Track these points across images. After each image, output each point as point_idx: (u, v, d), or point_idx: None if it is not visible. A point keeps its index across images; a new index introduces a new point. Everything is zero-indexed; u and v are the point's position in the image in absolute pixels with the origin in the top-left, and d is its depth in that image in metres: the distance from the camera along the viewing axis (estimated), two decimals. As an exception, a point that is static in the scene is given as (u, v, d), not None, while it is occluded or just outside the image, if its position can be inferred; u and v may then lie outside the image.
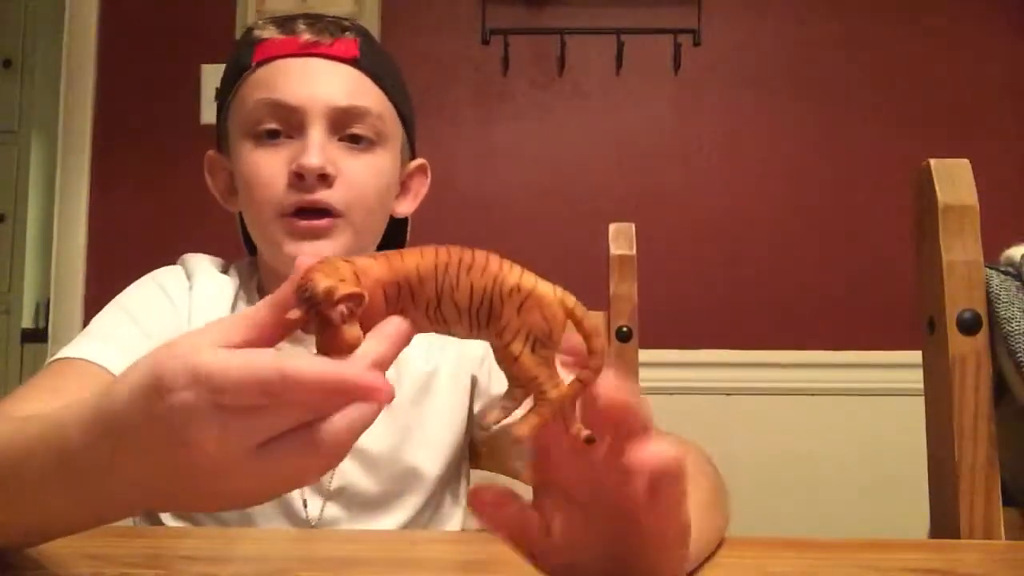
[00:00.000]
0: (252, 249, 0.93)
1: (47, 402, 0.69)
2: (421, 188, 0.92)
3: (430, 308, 0.37)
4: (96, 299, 2.07)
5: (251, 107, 0.81)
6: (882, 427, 1.90)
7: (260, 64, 0.82)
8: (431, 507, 0.85)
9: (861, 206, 2.01)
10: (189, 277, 0.86)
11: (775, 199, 2.03)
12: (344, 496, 0.81)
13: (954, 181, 0.75)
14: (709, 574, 0.50)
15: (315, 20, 0.83)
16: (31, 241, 3.49)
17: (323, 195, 0.78)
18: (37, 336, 3.21)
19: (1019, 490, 0.77)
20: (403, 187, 0.90)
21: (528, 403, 0.39)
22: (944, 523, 0.74)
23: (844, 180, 2.03)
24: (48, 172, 3.26)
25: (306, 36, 0.81)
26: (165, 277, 0.86)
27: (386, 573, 0.53)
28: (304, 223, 0.78)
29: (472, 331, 0.38)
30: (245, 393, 0.36)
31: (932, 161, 0.77)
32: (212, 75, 2.07)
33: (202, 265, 0.88)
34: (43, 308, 3.36)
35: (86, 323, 0.82)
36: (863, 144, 2.03)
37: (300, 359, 0.36)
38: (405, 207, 0.91)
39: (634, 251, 1.07)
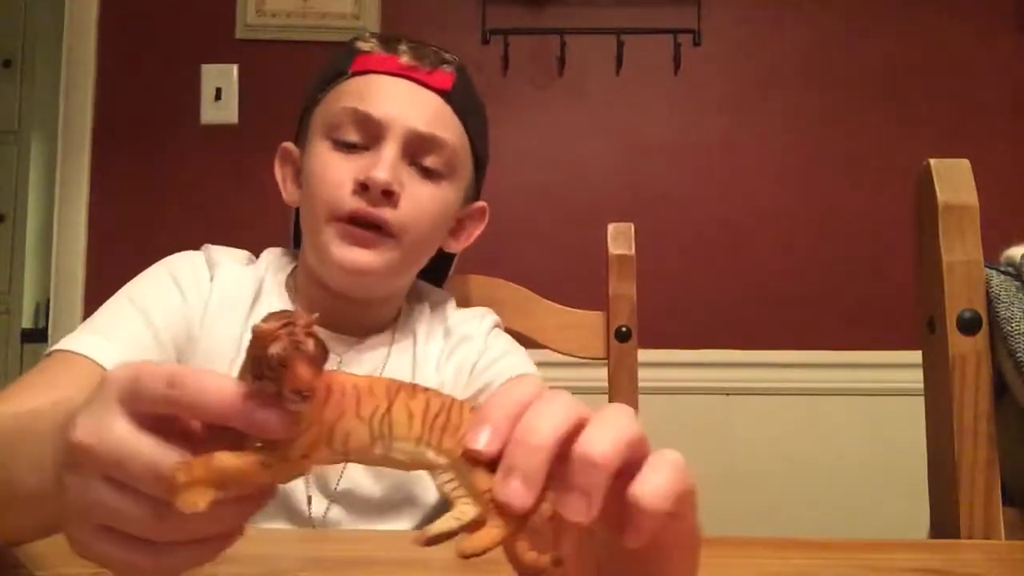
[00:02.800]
0: (298, 243, 0.92)
1: (41, 398, 0.69)
2: (475, 230, 0.94)
3: (376, 414, 0.36)
4: (96, 299, 2.07)
5: (337, 111, 0.82)
6: (882, 427, 1.90)
7: (356, 74, 0.84)
8: (433, 516, 0.85)
9: (861, 206, 2.01)
10: (211, 267, 0.86)
11: (775, 199, 2.03)
12: (348, 499, 0.81)
13: (954, 181, 0.75)
14: (709, 574, 0.50)
15: (418, 46, 0.85)
16: (31, 241, 3.49)
17: (382, 211, 0.79)
18: (37, 336, 3.21)
19: (1019, 490, 0.77)
20: (458, 224, 0.91)
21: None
22: (944, 523, 0.74)
23: (844, 180, 2.03)
24: (48, 172, 3.26)
25: (406, 59, 0.83)
26: (180, 266, 0.85)
27: (388, 573, 0.53)
28: (357, 230, 0.79)
29: (421, 443, 0.36)
30: (152, 381, 0.36)
31: (932, 161, 0.77)
32: (212, 75, 2.07)
33: (225, 257, 0.87)
34: (43, 308, 3.36)
35: (86, 324, 0.82)
36: (863, 144, 2.03)
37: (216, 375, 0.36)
38: (456, 245, 0.92)
39: (633, 251, 1.07)
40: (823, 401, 1.96)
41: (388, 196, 0.79)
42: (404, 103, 0.82)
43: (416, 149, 0.81)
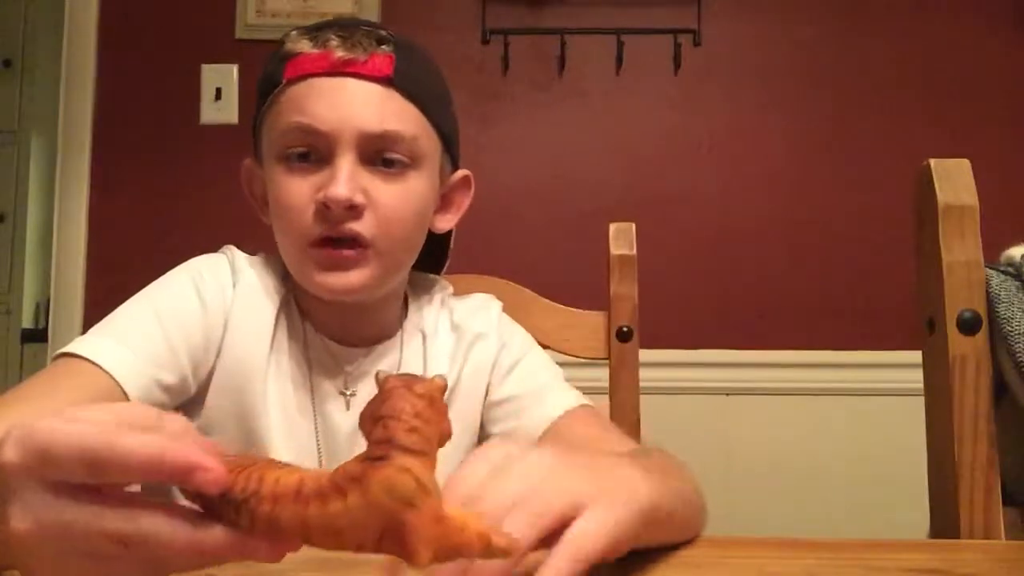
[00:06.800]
0: None
1: (38, 407, 0.66)
2: (464, 201, 0.90)
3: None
4: (96, 299, 2.07)
5: (282, 129, 0.78)
6: (882, 427, 1.90)
7: (291, 82, 0.79)
8: None
9: (861, 206, 2.01)
10: (234, 273, 0.83)
11: (775, 198, 2.03)
12: None
13: (954, 181, 0.75)
14: (710, 575, 0.50)
15: (349, 33, 0.79)
16: (31, 241, 3.48)
17: (351, 226, 0.76)
18: (37, 336, 3.20)
19: (1019, 490, 0.77)
20: (444, 200, 0.88)
21: None
22: (944, 523, 0.74)
23: (844, 180, 2.03)
24: (48, 172, 3.25)
25: (339, 53, 0.78)
26: (205, 274, 0.82)
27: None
28: (331, 253, 0.77)
29: None
30: (67, 462, 0.35)
31: (932, 161, 0.77)
32: (212, 75, 2.07)
33: (247, 264, 0.85)
34: (43, 308, 3.36)
35: (86, 323, 0.81)
36: (863, 144, 2.03)
37: (133, 437, 0.35)
38: (445, 222, 0.89)
39: (634, 251, 1.07)
40: (823, 401, 1.96)
41: (352, 209, 0.76)
42: (347, 106, 0.77)
43: (372, 149, 0.77)
